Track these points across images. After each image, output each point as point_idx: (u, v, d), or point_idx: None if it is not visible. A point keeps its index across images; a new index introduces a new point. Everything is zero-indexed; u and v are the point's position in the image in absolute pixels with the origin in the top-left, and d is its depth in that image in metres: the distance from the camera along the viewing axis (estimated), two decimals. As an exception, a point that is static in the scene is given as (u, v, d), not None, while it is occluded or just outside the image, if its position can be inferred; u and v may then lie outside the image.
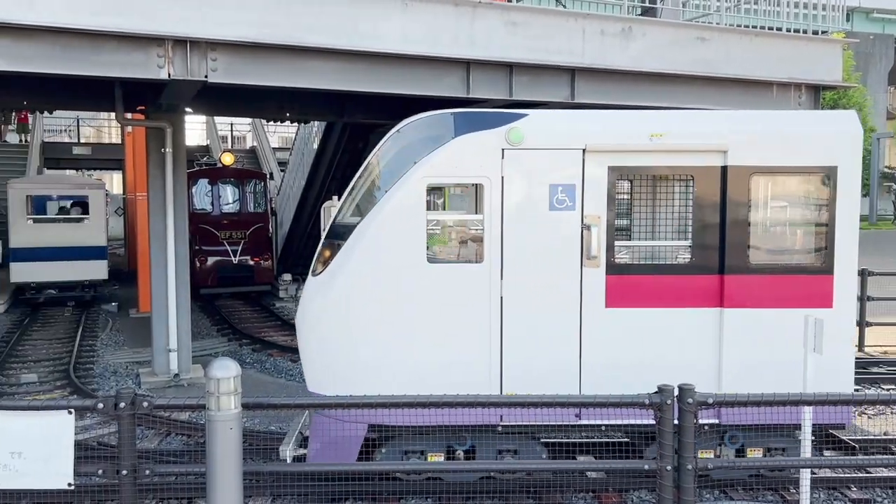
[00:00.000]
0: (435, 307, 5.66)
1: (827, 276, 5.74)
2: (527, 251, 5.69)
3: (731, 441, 5.90)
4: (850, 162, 5.76)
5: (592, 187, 5.70)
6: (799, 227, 6.05)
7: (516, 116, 5.73)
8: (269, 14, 7.10)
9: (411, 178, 5.63)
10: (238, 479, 4.22)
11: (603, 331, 5.74)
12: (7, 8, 6.32)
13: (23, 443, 4.42)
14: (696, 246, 5.79)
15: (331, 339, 5.74)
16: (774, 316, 5.73)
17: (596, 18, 8.50)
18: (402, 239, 5.64)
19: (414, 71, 7.95)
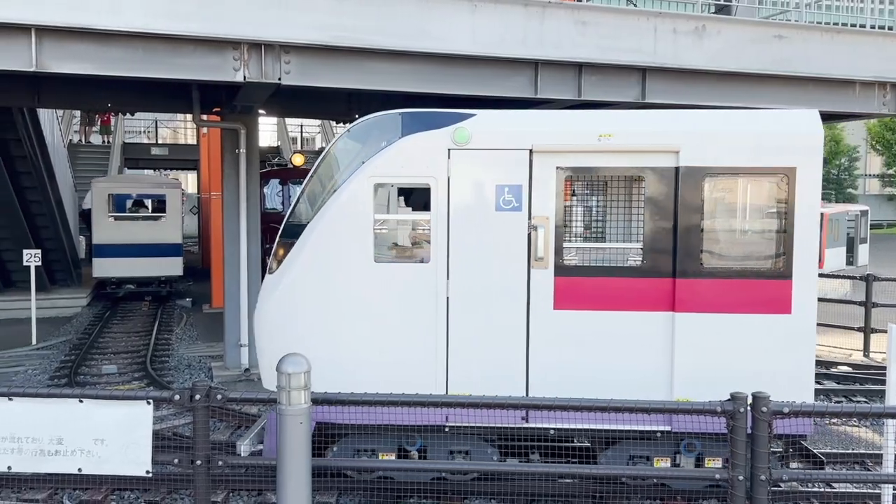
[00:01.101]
0: (382, 306, 5.65)
1: (785, 281, 5.50)
2: (473, 252, 5.64)
3: (688, 449, 5.67)
4: (810, 163, 5.51)
5: (540, 188, 5.61)
6: (756, 230, 5.79)
7: (463, 116, 5.69)
8: (340, 17, 7.23)
9: (358, 178, 5.64)
10: (307, 473, 4.30)
11: (551, 333, 5.63)
12: (94, 14, 6.62)
13: (105, 430, 4.62)
14: (648, 248, 5.62)
15: (280, 337, 5.74)
16: (729, 321, 5.53)
17: (668, 17, 8.34)
18: (349, 238, 5.64)
19: (482, 71, 7.96)
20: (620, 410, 4.47)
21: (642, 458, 5.66)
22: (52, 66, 6.85)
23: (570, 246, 5.86)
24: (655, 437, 5.60)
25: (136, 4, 6.69)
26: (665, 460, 5.64)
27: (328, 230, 5.68)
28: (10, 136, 12.59)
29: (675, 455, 5.68)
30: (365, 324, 5.65)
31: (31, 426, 4.65)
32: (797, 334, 5.50)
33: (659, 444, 5.63)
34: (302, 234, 5.76)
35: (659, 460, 5.63)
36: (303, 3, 7.10)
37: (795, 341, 5.49)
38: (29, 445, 4.65)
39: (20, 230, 13.54)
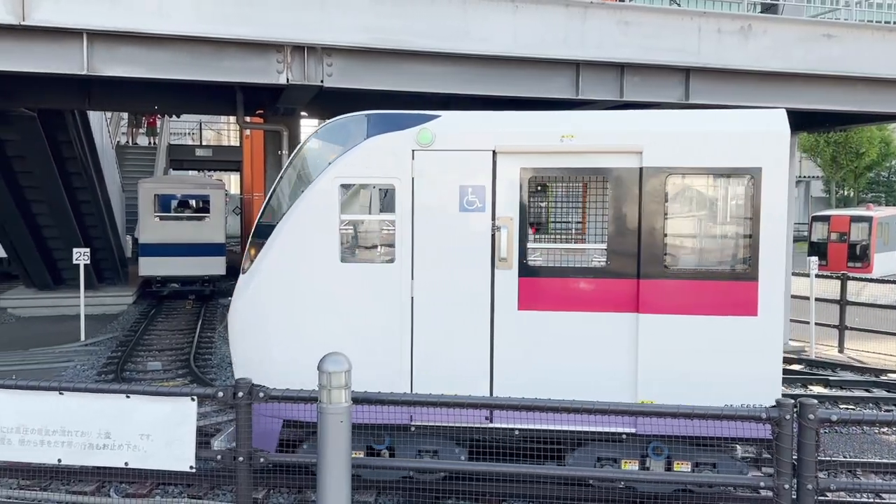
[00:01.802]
0: (348, 306, 5.65)
1: (751, 283, 5.38)
2: (437, 252, 5.62)
3: (656, 452, 5.55)
4: (776, 163, 5.38)
5: (504, 189, 5.57)
6: (721, 231, 5.66)
7: (428, 118, 5.66)
8: (382, 19, 7.29)
9: (324, 178, 5.66)
10: (347, 471, 4.33)
11: (516, 333, 5.58)
12: (143, 19, 6.78)
13: (151, 426, 4.72)
14: (612, 249, 5.55)
15: (250, 336, 5.81)
16: (694, 323, 5.44)
17: (713, 16, 8.22)
18: (315, 238, 5.66)
19: (522, 73, 7.94)
20: (648, 415, 4.41)
21: (609, 459, 5.63)
22: (103, 70, 7.03)
23: (533, 247, 5.80)
24: (620, 439, 5.55)
25: (183, 9, 6.84)
26: (633, 462, 5.56)
27: (295, 230, 5.71)
28: (62, 138, 12.95)
29: (643, 458, 5.62)
30: (331, 323, 5.66)
31: (80, 420, 4.77)
32: (764, 336, 5.39)
33: (623, 447, 5.57)
34: (271, 235, 5.79)
35: (626, 462, 5.55)
36: (345, 6, 7.17)
37: (762, 344, 5.39)
38: (78, 439, 4.78)
39: (70, 229, 13.92)
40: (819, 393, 9.06)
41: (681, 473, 5.46)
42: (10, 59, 6.88)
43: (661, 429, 5.23)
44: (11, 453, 4.88)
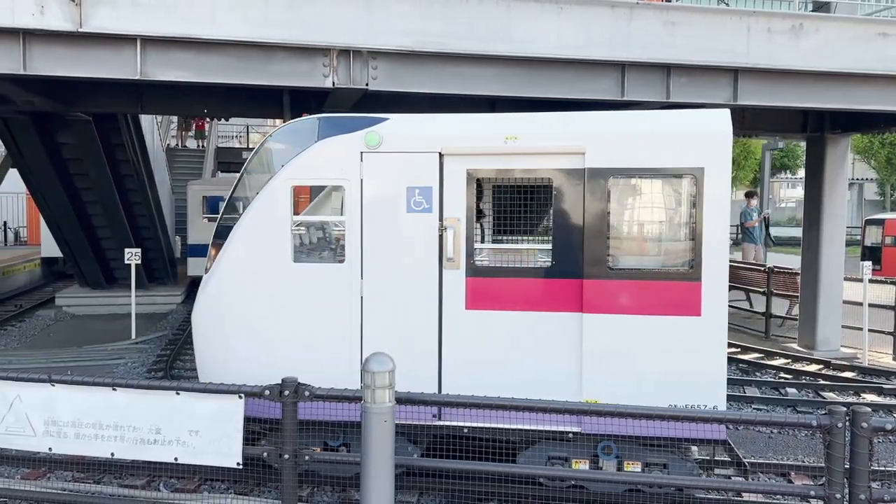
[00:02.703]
0: (301, 305, 5.77)
1: (694, 283, 5.41)
2: (386, 252, 5.72)
3: (605, 452, 5.55)
4: (718, 163, 5.38)
5: (451, 190, 5.66)
6: (664, 231, 5.65)
7: (376, 121, 5.78)
8: (426, 22, 7.33)
9: (277, 181, 5.81)
10: (390, 470, 4.36)
11: (463, 332, 5.67)
12: (194, 25, 6.94)
13: (199, 422, 4.82)
14: (557, 249, 5.61)
15: (210, 335, 5.97)
16: (638, 323, 5.47)
17: (762, 16, 8.06)
18: (268, 239, 5.80)
19: (567, 74, 7.90)
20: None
21: (560, 459, 5.64)
22: (155, 75, 7.22)
23: (480, 247, 5.88)
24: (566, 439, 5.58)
25: (232, 14, 6.98)
26: (584, 462, 5.59)
27: (249, 231, 5.87)
28: (115, 140, 13.31)
29: (594, 458, 5.62)
30: (284, 323, 5.80)
31: (132, 416, 4.90)
32: (707, 337, 5.41)
33: (572, 447, 5.59)
34: (229, 236, 5.94)
35: (577, 462, 5.59)
36: (391, 10, 7.23)
37: (706, 344, 5.41)
38: (130, 434, 4.91)
39: (122, 230, 14.29)
40: (872, 401, 8.81)
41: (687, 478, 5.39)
42: (67, 64, 7.11)
43: (606, 428, 5.28)
44: (67, 446, 5.03)
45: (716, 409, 5.33)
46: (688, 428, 4.66)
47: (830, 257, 11.50)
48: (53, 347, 11.81)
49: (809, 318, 11.68)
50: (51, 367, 9.75)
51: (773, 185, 39.81)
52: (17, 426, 5.03)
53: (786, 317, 13.37)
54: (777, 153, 27.66)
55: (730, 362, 10.90)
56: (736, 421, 4.39)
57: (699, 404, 5.32)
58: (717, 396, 5.39)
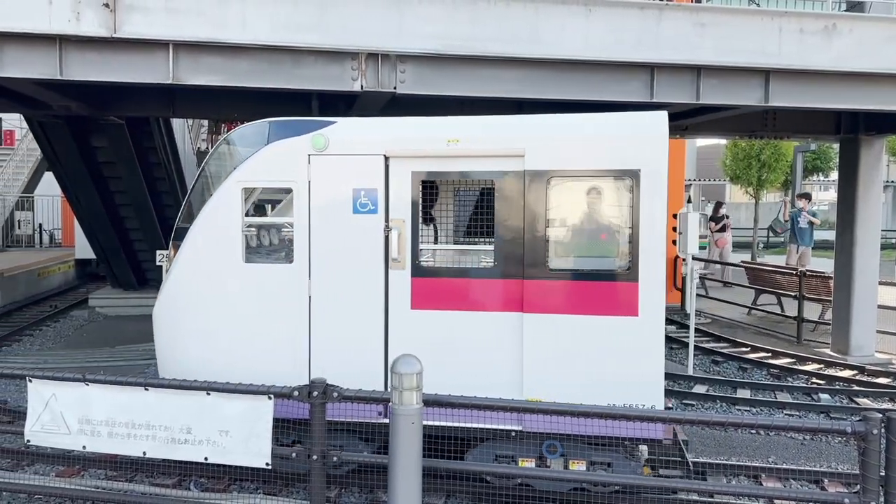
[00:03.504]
0: (252, 305, 5.91)
1: (632, 284, 5.49)
2: (333, 253, 5.84)
3: (550, 451, 5.61)
4: (654, 165, 5.45)
5: (396, 192, 5.79)
6: (601, 232, 5.77)
7: (324, 124, 5.92)
8: (454, 26, 7.34)
9: (228, 183, 5.95)
10: (418, 472, 4.38)
11: (409, 332, 5.78)
12: (225, 29, 7.03)
13: (230, 422, 4.88)
14: (498, 250, 5.71)
15: (167, 335, 6.17)
16: (576, 322, 5.57)
17: (794, 16, 7.95)
18: (220, 240, 5.95)
19: (595, 76, 7.86)
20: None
21: (507, 457, 5.70)
22: (187, 79, 7.32)
23: (425, 248, 6.00)
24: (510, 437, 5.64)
25: (262, 19, 7.06)
26: (530, 461, 5.64)
27: (202, 233, 6.04)
28: (147, 144, 13.53)
29: (540, 457, 5.64)
30: (236, 322, 5.94)
31: (163, 415, 4.98)
32: (645, 336, 5.48)
33: (521, 444, 5.65)
34: (185, 237, 6.11)
35: (523, 461, 5.63)
36: (419, 13, 7.26)
37: (643, 343, 5.48)
38: (162, 433, 4.98)
39: (154, 232, 14.50)
40: (908, 408, 8.64)
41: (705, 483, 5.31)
42: (101, 69, 7.24)
43: (548, 426, 5.32)
44: (101, 445, 5.12)
45: (654, 408, 5.39)
46: (627, 427, 4.73)
47: (865, 261, 11.30)
48: (87, 347, 12.02)
49: (843, 323, 11.47)
50: (85, 367, 9.93)
51: (804, 187, 39.16)
52: (52, 424, 5.14)
53: (818, 321, 13.16)
54: (809, 155, 27.20)
55: (760, 367, 10.76)
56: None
57: (638, 403, 5.38)
58: (654, 396, 5.48)
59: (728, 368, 10.88)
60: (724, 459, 7.00)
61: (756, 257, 22.92)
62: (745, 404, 8.96)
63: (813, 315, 13.19)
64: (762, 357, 11.32)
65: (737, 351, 11.73)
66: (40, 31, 6.86)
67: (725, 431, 7.86)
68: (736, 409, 8.88)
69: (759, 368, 10.76)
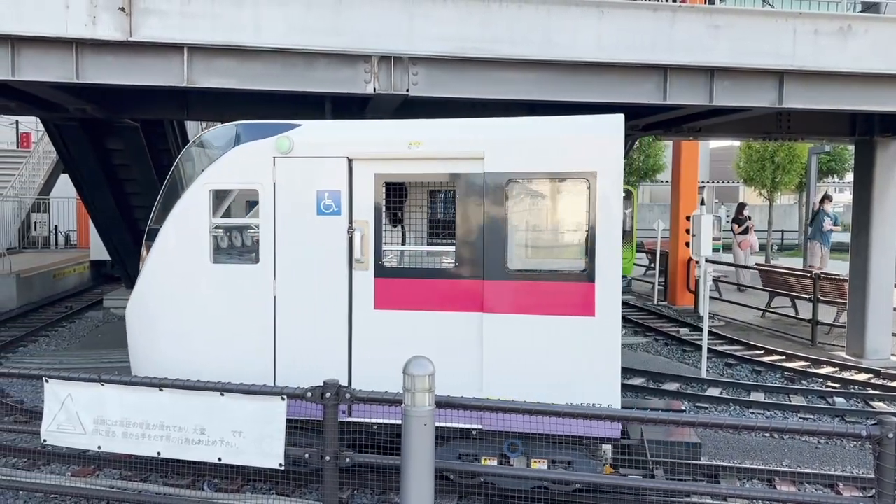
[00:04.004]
0: (220, 305, 6.03)
1: (589, 284, 5.58)
2: (297, 253, 5.94)
3: (511, 449, 5.67)
4: (610, 167, 5.54)
5: (359, 193, 5.89)
6: (559, 233, 5.89)
7: (289, 127, 6.02)
8: (467, 28, 7.35)
9: (196, 185, 6.09)
10: (430, 474, 4.38)
11: (372, 331, 5.89)
12: (239, 32, 7.08)
13: (243, 423, 4.91)
14: (459, 251, 5.81)
15: (138, 334, 6.32)
16: (535, 322, 5.64)
17: (808, 17, 7.90)
18: (188, 240, 6.09)
19: (608, 78, 7.84)
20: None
21: (469, 455, 5.77)
22: (201, 82, 7.37)
23: (388, 248, 6.09)
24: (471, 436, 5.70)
25: (276, 22, 7.10)
26: (492, 459, 5.70)
27: (171, 234, 6.18)
28: (162, 146, 13.61)
29: (502, 456, 5.69)
30: (204, 321, 6.06)
31: (178, 416, 5.02)
32: (602, 336, 5.56)
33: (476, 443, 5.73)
34: (155, 238, 6.25)
35: (486, 459, 5.70)
36: (431, 16, 7.27)
37: (600, 343, 5.56)
38: (176, 434, 5.02)
39: (168, 234, 14.55)
40: (925, 412, 8.56)
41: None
42: (117, 73, 7.30)
43: (508, 425, 5.34)
44: (115, 445, 5.17)
45: (610, 406, 5.43)
46: (586, 426, 4.81)
47: (880, 263, 11.21)
48: (102, 348, 12.11)
49: (858, 326, 11.38)
50: (100, 367, 10.01)
51: (819, 189, 38.87)
52: (68, 424, 5.19)
53: (833, 324, 13.06)
54: (824, 157, 27.02)
55: (774, 370, 10.69)
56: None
57: (596, 402, 5.41)
58: (611, 395, 5.53)
59: (741, 371, 10.82)
60: (738, 463, 6.97)
61: (770, 259, 22.78)
62: (759, 407, 8.91)
63: (828, 318, 13.09)
64: (776, 360, 11.25)
65: (750, 354, 11.66)
66: (57, 35, 6.93)
67: (739, 434, 7.82)
68: (749, 412, 8.83)
69: (773, 371, 10.69)
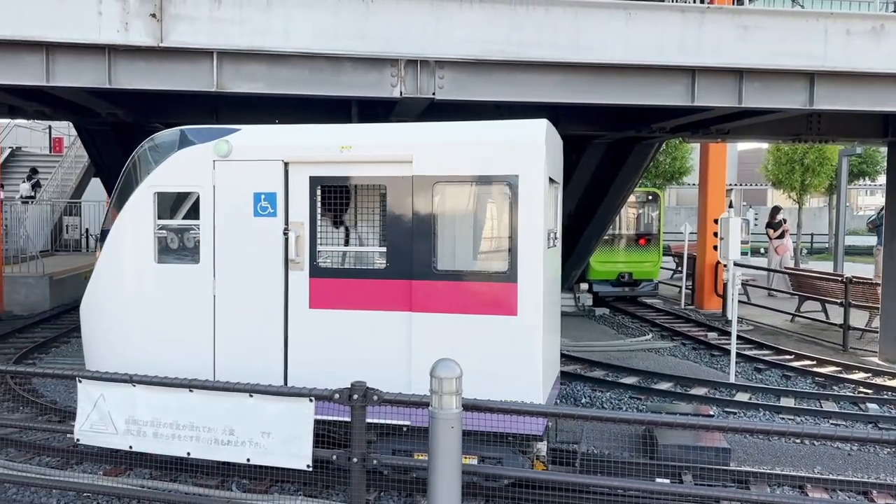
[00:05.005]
0: (164, 303, 6.27)
1: (511, 284, 5.70)
2: (236, 254, 6.15)
3: None
4: (532, 171, 5.67)
5: (295, 196, 6.07)
6: (483, 235, 6.01)
7: (229, 131, 6.22)
8: (493, 31, 7.35)
9: (141, 188, 6.34)
10: (457, 476, 4.38)
11: (307, 330, 6.07)
12: (267, 38, 7.15)
13: (271, 424, 4.94)
14: (390, 252, 5.98)
15: (88, 331, 6.63)
16: (460, 321, 5.80)
17: (840, 17, 7.79)
18: (134, 241, 6.37)
19: (635, 80, 7.81)
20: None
21: (403, 451, 5.85)
22: (229, 87, 7.47)
23: (322, 249, 6.21)
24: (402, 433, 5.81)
25: (304, 27, 7.16)
26: (422, 455, 5.61)
27: (119, 234, 6.47)
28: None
29: None
30: (150, 319, 6.31)
31: (207, 417, 5.07)
32: (523, 335, 5.70)
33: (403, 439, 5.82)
34: (105, 239, 6.55)
35: (418, 454, 5.73)
36: (458, 19, 7.29)
37: (522, 341, 5.70)
38: (206, 434, 5.07)
39: (196, 237, 14.73)
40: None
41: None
42: (148, 77, 7.43)
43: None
44: (146, 445, 5.24)
45: (532, 402, 5.49)
46: (508, 422, 4.96)
47: (914, 267, 11.01)
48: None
49: (891, 331, 11.18)
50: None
51: (850, 192, 38.29)
52: (100, 424, 5.27)
53: (865, 329, 12.84)
54: (855, 159, 26.60)
55: (805, 375, 10.54)
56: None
57: (519, 398, 5.37)
58: (533, 392, 5.64)
59: (771, 376, 10.67)
60: (768, 469, 6.88)
61: (800, 263, 22.47)
62: (790, 413, 8.78)
63: (859, 323, 12.87)
64: (807, 365, 11.09)
65: (780, 358, 11.50)
66: (91, 42, 7.06)
67: (769, 440, 7.71)
68: (780, 417, 8.71)
69: (803, 377, 10.53)
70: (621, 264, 16.59)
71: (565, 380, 10.21)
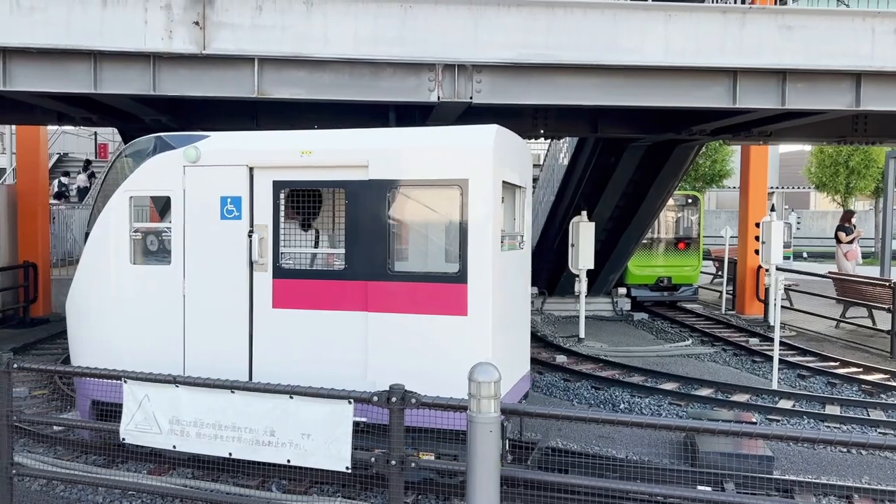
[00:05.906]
0: (138, 303, 6.60)
1: (461, 285, 5.86)
2: (204, 255, 6.45)
3: None
4: (481, 174, 5.82)
5: (259, 199, 6.33)
6: (436, 237, 6.24)
7: (199, 138, 6.52)
8: (531, 35, 7.34)
9: (119, 192, 6.69)
10: (496, 481, 4.37)
11: (271, 329, 6.34)
12: (308, 44, 7.24)
13: (311, 426, 4.99)
14: (348, 254, 6.19)
15: (74, 328, 7.01)
16: (412, 321, 5.98)
17: (888, 16, 7.60)
18: (111, 243, 6.70)
19: (675, 83, 7.72)
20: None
21: (363, 448, 5.65)
22: (271, 93, 7.57)
23: (285, 251, 6.43)
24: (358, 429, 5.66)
25: (344, 33, 7.24)
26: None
27: (97, 237, 6.82)
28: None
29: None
30: (126, 317, 6.63)
31: (248, 417, 5.13)
32: (473, 334, 5.86)
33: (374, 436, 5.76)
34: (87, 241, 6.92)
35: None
36: (495, 23, 7.30)
37: (472, 341, 5.84)
38: (247, 435, 5.14)
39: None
40: None
41: None
42: (191, 84, 7.57)
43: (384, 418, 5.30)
44: (190, 445, 5.32)
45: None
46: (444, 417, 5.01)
47: (966, 272, 10.68)
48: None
49: (941, 338, 10.85)
50: (172, 370, 10.31)
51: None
52: (145, 424, 5.37)
53: (914, 335, 12.49)
54: (903, 161, 25.90)
55: (851, 383, 10.29)
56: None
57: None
58: None
59: (815, 384, 10.44)
60: (814, 478, 6.73)
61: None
62: (835, 421, 8.58)
63: (908, 329, 12.53)
64: (853, 372, 10.83)
65: (825, 365, 11.25)
66: (136, 50, 7.23)
67: (814, 449, 7.54)
68: (825, 425, 8.52)
69: (849, 384, 10.28)
70: (660, 268, 16.42)
71: (603, 385, 10.12)
